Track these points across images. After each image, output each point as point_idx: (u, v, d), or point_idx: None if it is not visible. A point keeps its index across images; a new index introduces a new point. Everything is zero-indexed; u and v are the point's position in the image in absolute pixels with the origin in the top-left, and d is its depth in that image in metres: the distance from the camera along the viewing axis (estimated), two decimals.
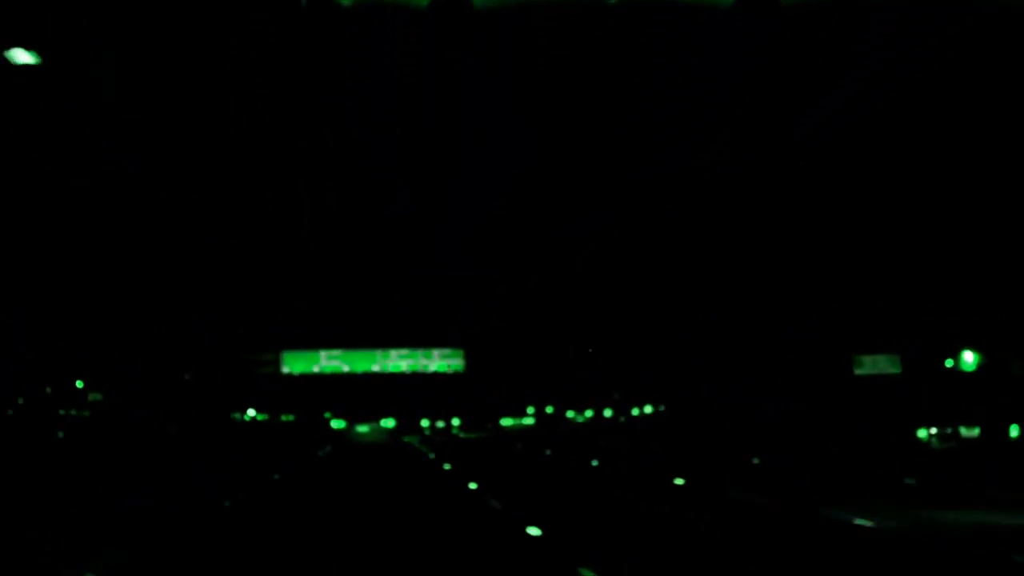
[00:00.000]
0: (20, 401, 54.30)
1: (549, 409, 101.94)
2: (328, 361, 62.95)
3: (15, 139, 29.62)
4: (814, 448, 40.13)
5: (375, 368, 62.51)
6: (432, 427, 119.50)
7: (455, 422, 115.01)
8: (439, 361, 62.68)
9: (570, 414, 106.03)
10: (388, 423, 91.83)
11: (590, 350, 66.15)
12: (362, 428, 70.11)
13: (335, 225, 50.32)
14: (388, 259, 55.72)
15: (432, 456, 70.33)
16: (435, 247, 50.69)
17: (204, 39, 21.75)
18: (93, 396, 59.97)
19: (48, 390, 55.77)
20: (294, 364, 63.19)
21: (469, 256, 53.16)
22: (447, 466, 50.12)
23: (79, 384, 58.41)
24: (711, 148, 29.81)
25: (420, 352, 62.59)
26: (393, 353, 62.63)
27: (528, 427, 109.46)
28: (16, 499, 23.57)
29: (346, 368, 62.75)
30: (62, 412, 59.52)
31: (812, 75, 24.13)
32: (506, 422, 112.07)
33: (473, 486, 28.99)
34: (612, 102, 27.06)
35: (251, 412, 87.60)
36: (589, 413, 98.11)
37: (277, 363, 63.12)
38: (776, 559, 13.55)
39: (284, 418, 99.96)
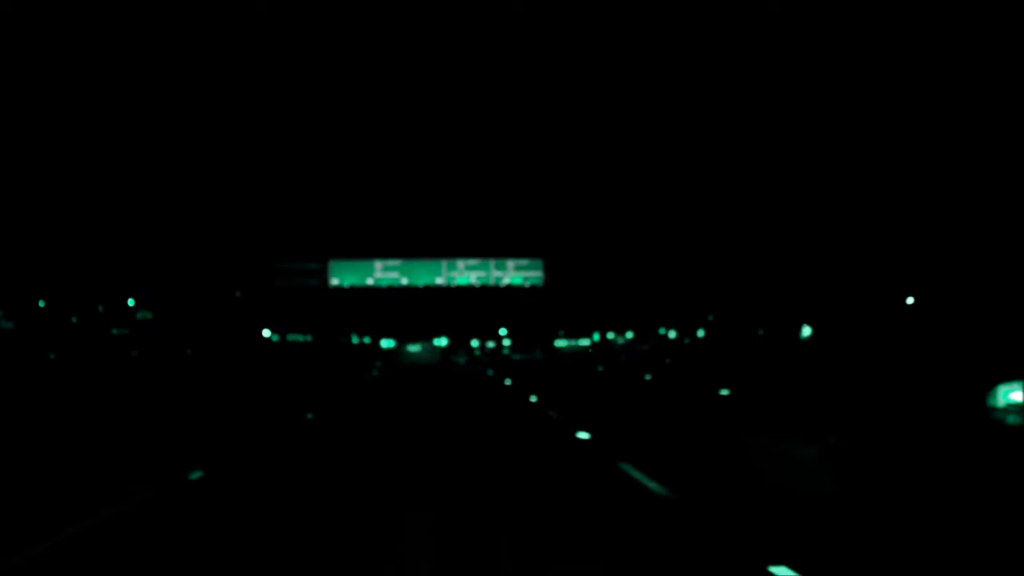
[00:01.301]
0: (73, 320, 55.44)
1: (596, 336, 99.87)
2: (384, 273, 53.91)
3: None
4: None
5: (438, 281, 53.46)
6: (482, 347, 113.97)
7: (506, 343, 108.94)
8: (514, 273, 53.55)
9: (611, 335, 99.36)
10: (440, 341, 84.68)
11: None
12: (413, 348, 62.58)
13: (391, 114, 44.35)
14: (455, 154, 48.20)
15: (491, 373, 62.54)
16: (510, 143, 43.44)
17: None
18: (143, 315, 58.96)
19: (100, 308, 56.87)
20: (344, 276, 54.30)
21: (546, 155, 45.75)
22: (508, 382, 44.76)
23: (131, 302, 57.96)
24: None
25: (493, 263, 53.44)
26: (461, 264, 53.51)
27: (583, 349, 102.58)
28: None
29: (405, 281, 53.71)
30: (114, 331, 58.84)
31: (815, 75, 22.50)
32: (561, 344, 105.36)
33: (534, 399, 30.35)
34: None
35: (266, 332, 78.84)
36: (630, 334, 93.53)
37: (324, 275, 54.20)
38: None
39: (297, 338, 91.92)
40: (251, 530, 9.70)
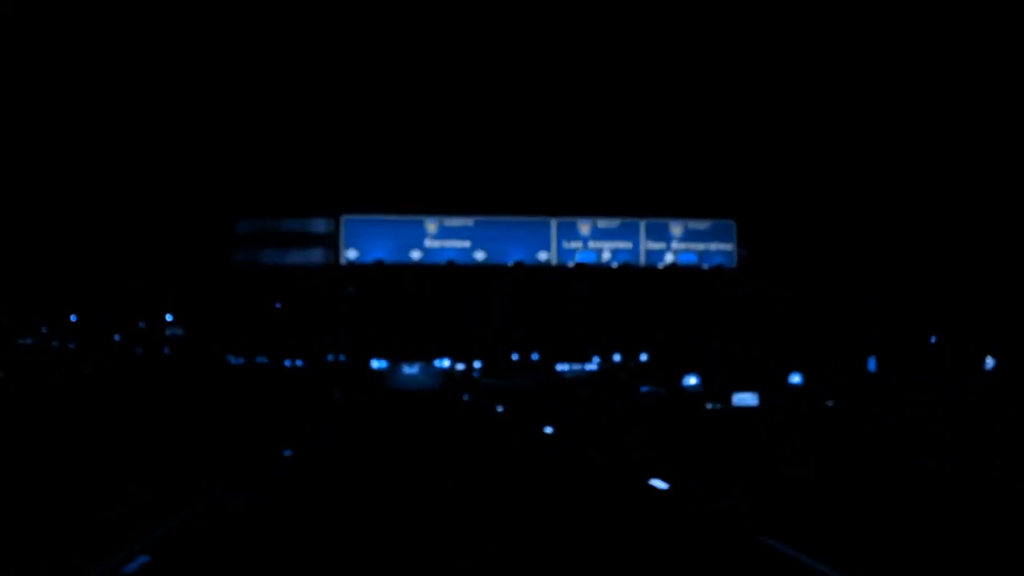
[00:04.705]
0: (116, 337, 56.50)
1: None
2: (438, 240, 30.91)
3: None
4: None
5: (542, 257, 30.17)
6: (451, 369, 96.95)
7: (477, 364, 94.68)
8: (680, 247, 30.05)
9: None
10: (442, 363, 69.72)
11: None
12: (410, 369, 51.81)
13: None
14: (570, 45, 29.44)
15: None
16: None
17: None
18: (173, 331, 58.38)
19: (141, 325, 57.36)
20: (367, 244, 31.41)
21: None
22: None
23: (169, 317, 57.17)
24: None
25: (644, 225, 29.92)
26: (584, 227, 30.04)
27: (587, 374, 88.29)
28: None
29: (480, 256, 30.48)
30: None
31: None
32: (562, 367, 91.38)
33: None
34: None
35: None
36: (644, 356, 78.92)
37: (336, 242, 31.33)
38: None
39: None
40: None
